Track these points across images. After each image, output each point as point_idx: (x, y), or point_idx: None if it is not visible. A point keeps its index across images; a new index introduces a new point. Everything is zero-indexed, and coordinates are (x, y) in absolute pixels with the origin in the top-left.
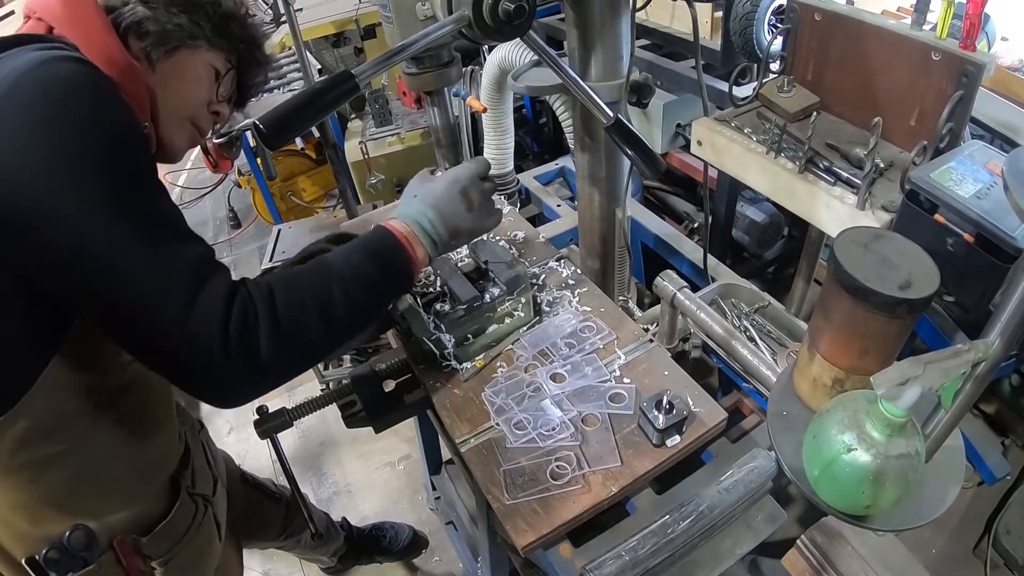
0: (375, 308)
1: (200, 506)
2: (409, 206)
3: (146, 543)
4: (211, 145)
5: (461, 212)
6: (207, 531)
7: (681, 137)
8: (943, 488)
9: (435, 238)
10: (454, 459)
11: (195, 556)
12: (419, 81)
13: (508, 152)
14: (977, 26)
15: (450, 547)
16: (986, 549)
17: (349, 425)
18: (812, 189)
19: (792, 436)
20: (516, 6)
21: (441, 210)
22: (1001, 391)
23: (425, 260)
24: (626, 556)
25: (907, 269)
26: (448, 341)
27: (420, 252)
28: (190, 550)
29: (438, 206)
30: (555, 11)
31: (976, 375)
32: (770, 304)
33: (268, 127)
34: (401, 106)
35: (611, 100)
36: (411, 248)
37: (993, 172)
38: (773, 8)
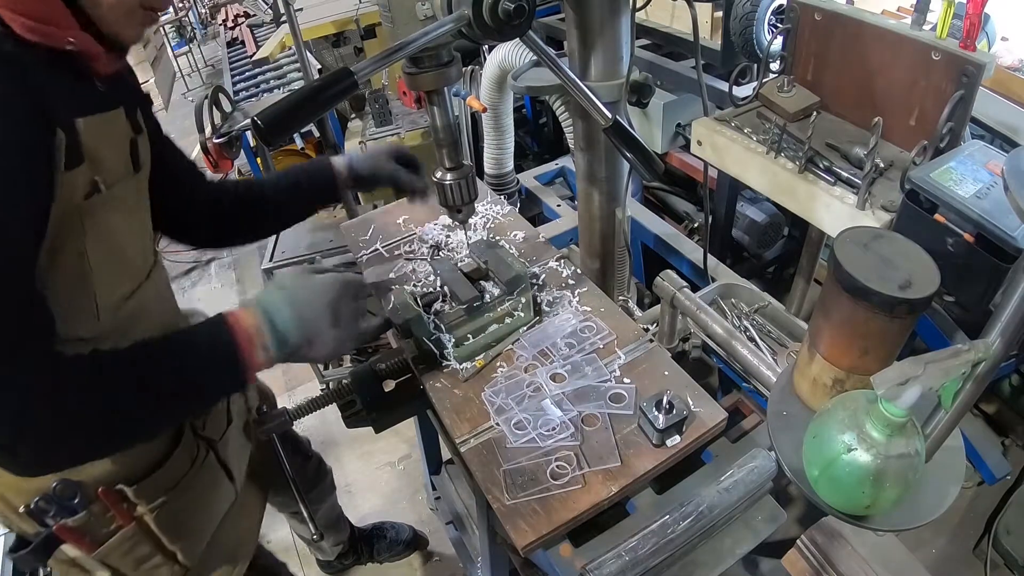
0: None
1: (202, 450)
2: (271, 298)
3: (133, 492)
4: (211, 145)
5: (324, 324)
6: (209, 475)
7: (681, 137)
8: (943, 488)
9: (284, 342)
10: (454, 459)
11: (193, 501)
12: (419, 81)
13: (508, 152)
14: (977, 26)
15: (450, 547)
16: (986, 549)
17: (349, 425)
18: (812, 189)
19: (792, 436)
20: (516, 6)
21: (302, 314)
22: (1001, 391)
23: (265, 364)
24: (626, 556)
25: (907, 269)
26: (448, 341)
27: (260, 356)
28: (187, 497)
29: (301, 310)
30: (555, 11)
31: (976, 375)
32: (770, 304)
33: (267, 124)
34: (401, 106)
35: (611, 100)
36: (250, 353)
37: (993, 172)
38: (773, 8)
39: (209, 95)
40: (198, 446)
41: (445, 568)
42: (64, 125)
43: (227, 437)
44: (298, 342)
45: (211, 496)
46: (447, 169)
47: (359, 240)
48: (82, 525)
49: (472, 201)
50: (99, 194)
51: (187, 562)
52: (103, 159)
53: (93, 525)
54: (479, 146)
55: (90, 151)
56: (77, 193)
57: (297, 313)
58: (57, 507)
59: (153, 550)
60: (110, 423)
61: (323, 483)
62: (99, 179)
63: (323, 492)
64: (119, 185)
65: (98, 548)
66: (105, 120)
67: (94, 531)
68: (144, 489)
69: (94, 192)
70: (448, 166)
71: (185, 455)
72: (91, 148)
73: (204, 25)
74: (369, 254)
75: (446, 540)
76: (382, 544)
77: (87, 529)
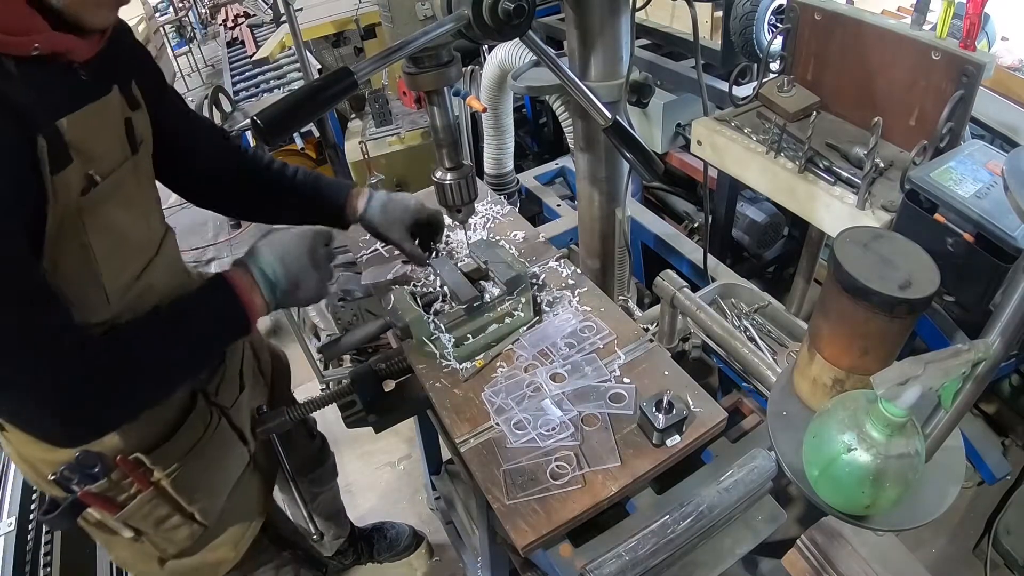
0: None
1: (215, 416)
2: (258, 252)
3: (150, 459)
4: None
5: (306, 267)
6: (222, 440)
7: (681, 137)
8: (943, 488)
9: (276, 286)
10: (454, 459)
11: (208, 465)
12: (419, 81)
13: (508, 152)
14: (977, 26)
15: (450, 547)
16: (986, 549)
17: (349, 425)
18: (812, 189)
19: (792, 436)
20: (516, 6)
21: (286, 261)
22: (1001, 391)
23: (263, 307)
24: (626, 556)
25: (907, 269)
26: (448, 341)
27: (258, 300)
28: (201, 461)
29: (284, 257)
30: (555, 11)
31: (976, 375)
32: (770, 304)
33: (266, 123)
34: (401, 106)
35: (611, 100)
36: (249, 299)
37: (993, 172)
38: (773, 8)
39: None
40: (211, 412)
41: (445, 568)
42: (45, 131)
43: (239, 402)
44: (286, 286)
45: (225, 459)
46: (447, 169)
47: (359, 240)
48: (104, 491)
49: (472, 201)
50: (96, 187)
51: (205, 521)
52: (95, 151)
53: (114, 491)
54: (479, 146)
55: (79, 147)
56: (72, 191)
57: (281, 261)
58: (80, 475)
59: (172, 511)
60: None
61: (324, 465)
62: (93, 172)
63: (324, 475)
64: (117, 171)
65: (120, 511)
66: (93, 111)
67: (115, 496)
68: (160, 456)
69: (90, 186)
70: (448, 166)
71: (198, 422)
72: (80, 144)
73: (204, 25)
74: (369, 254)
75: (446, 540)
76: (382, 544)
77: (109, 494)
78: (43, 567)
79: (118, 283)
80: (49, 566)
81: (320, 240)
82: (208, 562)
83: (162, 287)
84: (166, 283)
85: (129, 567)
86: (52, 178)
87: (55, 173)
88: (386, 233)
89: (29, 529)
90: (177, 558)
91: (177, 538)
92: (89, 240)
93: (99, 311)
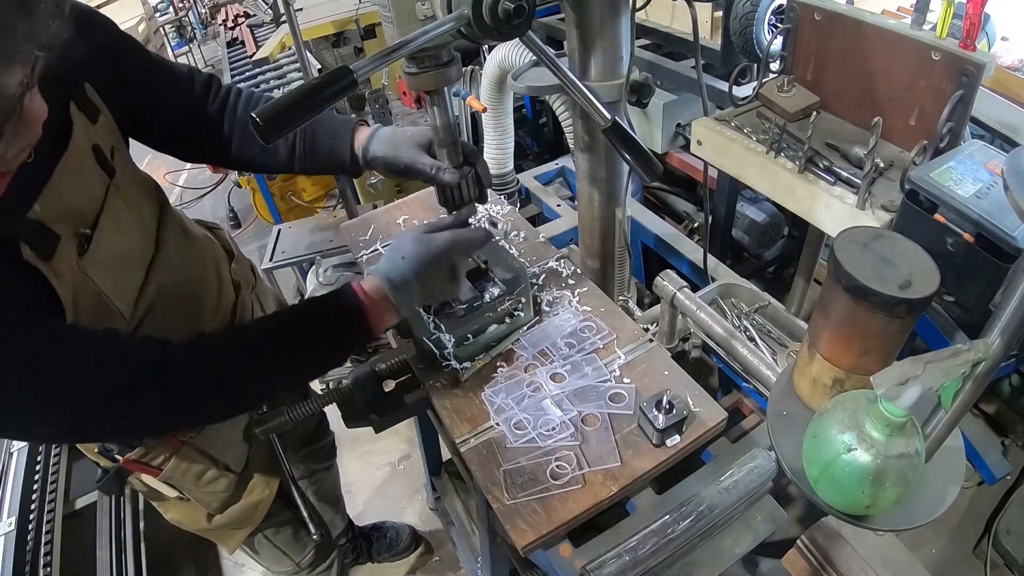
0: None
1: None
2: (395, 270)
3: None
4: None
5: (442, 281)
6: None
7: (681, 137)
8: (943, 488)
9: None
10: (454, 459)
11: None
12: (419, 80)
13: (508, 152)
14: (977, 26)
15: (450, 547)
16: (986, 549)
17: (349, 425)
18: (812, 189)
19: (792, 436)
20: (516, 6)
21: (423, 280)
22: (1001, 391)
23: (393, 322)
24: (626, 556)
25: (907, 269)
26: (448, 341)
27: (387, 320)
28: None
29: (422, 275)
30: (555, 11)
31: (976, 375)
32: (770, 304)
33: (265, 121)
34: (401, 106)
35: (611, 100)
36: (378, 320)
37: (993, 172)
38: (773, 8)
39: None
40: None
41: (445, 568)
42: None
43: None
44: (422, 300)
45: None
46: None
47: (359, 240)
48: (142, 456)
49: (472, 200)
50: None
51: (236, 469)
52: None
53: (152, 454)
54: (479, 146)
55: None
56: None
57: (419, 280)
58: (118, 444)
59: (208, 465)
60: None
61: (322, 442)
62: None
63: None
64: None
65: (161, 473)
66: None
67: (153, 460)
68: None
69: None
70: (449, 166)
71: None
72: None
73: (204, 25)
74: (369, 254)
75: (446, 540)
76: (382, 544)
77: (148, 458)
78: (43, 567)
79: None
80: (49, 566)
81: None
82: (248, 505)
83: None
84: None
85: (183, 524)
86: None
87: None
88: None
89: (29, 529)
90: (221, 511)
91: (217, 489)
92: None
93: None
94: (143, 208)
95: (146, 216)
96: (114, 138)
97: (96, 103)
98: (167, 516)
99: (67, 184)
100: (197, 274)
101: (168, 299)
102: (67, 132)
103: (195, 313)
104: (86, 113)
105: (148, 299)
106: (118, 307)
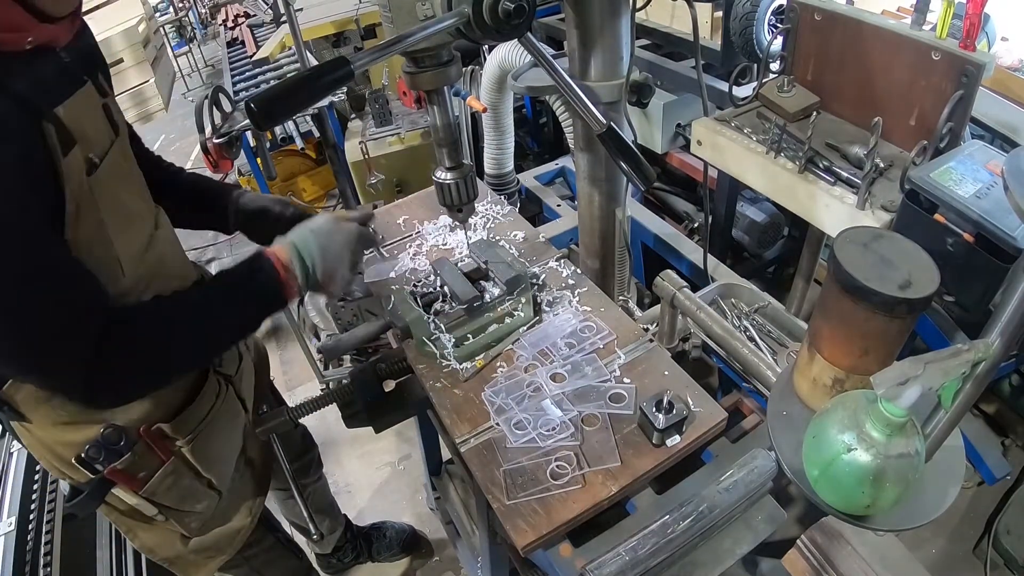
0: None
1: (223, 385)
2: (304, 239)
3: (171, 428)
4: (211, 145)
5: (342, 266)
6: (229, 407)
7: (681, 137)
8: (943, 488)
9: (310, 277)
10: (454, 459)
11: (219, 432)
12: (419, 80)
13: (508, 152)
14: (977, 26)
15: (450, 547)
16: (986, 549)
17: (349, 425)
18: (812, 189)
19: (792, 436)
20: (516, 6)
21: (326, 255)
22: (1001, 391)
23: (295, 292)
24: (626, 556)
25: (907, 269)
26: (448, 341)
27: (293, 284)
28: (213, 427)
29: (325, 251)
30: (555, 11)
31: (976, 375)
32: (770, 304)
33: (259, 107)
34: (401, 106)
35: (611, 100)
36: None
37: (993, 172)
38: (773, 8)
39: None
40: (219, 382)
41: (445, 568)
42: (49, 117)
43: (241, 371)
44: (319, 278)
45: (232, 426)
46: (447, 169)
47: None
48: (129, 466)
49: (472, 201)
50: (97, 168)
51: (220, 487)
52: (88, 135)
53: (139, 464)
54: (479, 146)
55: (77, 132)
56: (80, 172)
57: (323, 255)
58: (105, 452)
59: (193, 480)
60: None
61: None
62: (92, 155)
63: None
64: (109, 153)
65: (144, 487)
66: (79, 98)
67: (139, 469)
68: (179, 425)
69: (92, 168)
70: (448, 166)
71: (210, 391)
72: (76, 129)
73: (204, 25)
74: (369, 254)
75: (446, 540)
76: (381, 543)
77: (134, 469)
78: (43, 567)
79: (130, 253)
80: (49, 566)
81: (363, 242)
82: (226, 532)
83: (169, 262)
84: (172, 257)
85: (154, 552)
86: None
87: (64, 155)
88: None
89: (29, 529)
90: (199, 533)
91: (198, 508)
92: (103, 216)
93: (116, 283)
94: (141, 186)
95: (145, 195)
96: (120, 116)
97: (106, 87)
98: (136, 543)
99: (83, 110)
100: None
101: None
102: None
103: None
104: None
105: (149, 264)
106: (119, 255)
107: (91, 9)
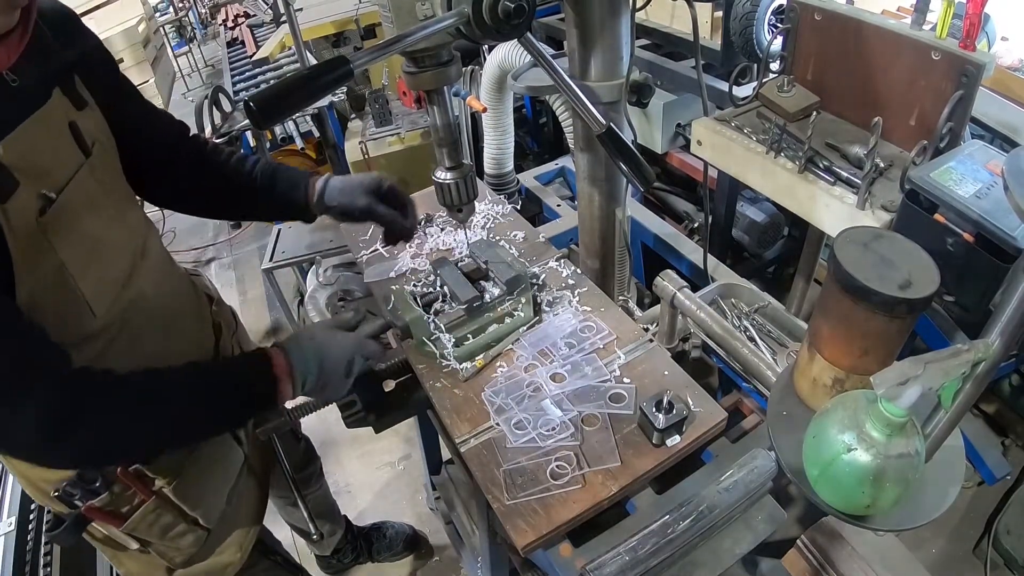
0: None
1: None
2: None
3: (151, 469)
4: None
5: (340, 377)
6: (217, 442)
7: (681, 137)
8: (943, 488)
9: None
10: (454, 459)
11: (207, 469)
12: (418, 80)
13: (508, 152)
14: (977, 26)
15: (450, 547)
16: (986, 549)
17: (349, 425)
18: (812, 189)
19: (792, 436)
20: (516, 6)
21: (324, 367)
22: (1001, 391)
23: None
24: (626, 556)
25: (907, 269)
26: (448, 341)
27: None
28: (200, 465)
29: (323, 362)
30: (555, 11)
31: (976, 375)
32: (770, 304)
33: (259, 105)
34: (401, 106)
35: (611, 100)
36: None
37: (993, 172)
38: (773, 8)
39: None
40: None
41: (445, 568)
42: None
43: None
44: (313, 386)
45: (222, 462)
46: (447, 169)
47: (359, 240)
48: (107, 504)
49: (472, 201)
50: (53, 204)
51: (207, 525)
52: (42, 166)
53: (117, 503)
54: (479, 146)
55: (23, 168)
56: (28, 216)
57: (320, 366)
58: (82, 490)
59: (176, 518)
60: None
61: (312, 466)
62: (46, 191)
63: (312, 477)
64: (73, 181)
65: (124, 523)
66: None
67: (118, 508)
68: (160, 465)
69: (47, 205)
70: (448, 166)
71: None
72: (23, 165)
73: (204, 25)
74: (369, 254)
75: (446, 540)
76: (382, 543)
77: (112, 507)
78: (43, 567)
79: (100, 291)
80: (49, 566)
81: (362, 353)
82: (215, 567)
83: (153, 295)
84: (157, 290)
85: None
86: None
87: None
88: (352, 204)
89: (29, 529)
90: (185, 566)
91: (183, 544)
92: (63, 259)
93: (84, 325)
94: (126, 207)
95: (130, 218)
96: (101, 133)
97: (84, 96)
98: (121, 570)
99: (35, 139)
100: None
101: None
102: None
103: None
104: (71, 99)
105: (125, 302)
106: (87, 296)
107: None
